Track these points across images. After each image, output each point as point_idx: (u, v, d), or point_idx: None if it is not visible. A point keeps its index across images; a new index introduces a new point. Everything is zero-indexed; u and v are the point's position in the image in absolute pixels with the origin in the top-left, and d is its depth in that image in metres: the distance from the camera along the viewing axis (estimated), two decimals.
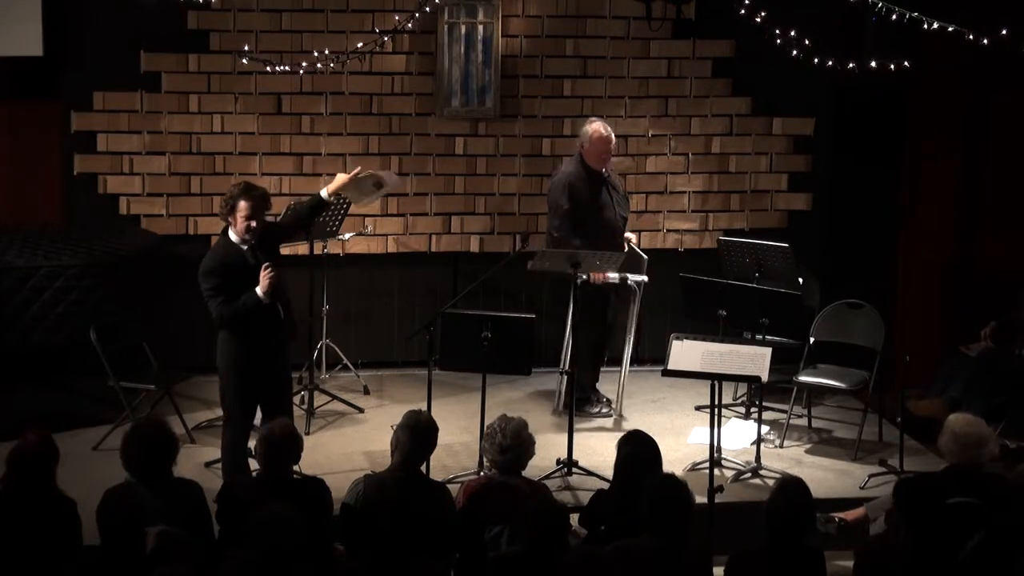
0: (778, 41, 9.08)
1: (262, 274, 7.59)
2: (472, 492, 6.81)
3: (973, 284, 10.58)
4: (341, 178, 8.12)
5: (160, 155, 9.99)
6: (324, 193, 8.04)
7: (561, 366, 9.36)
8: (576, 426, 8.63)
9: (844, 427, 9.47)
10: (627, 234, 9.57)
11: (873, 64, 8.98)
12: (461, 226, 10.41)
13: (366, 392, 9.89)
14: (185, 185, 10.04)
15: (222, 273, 7.64)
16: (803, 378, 9.26)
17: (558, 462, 8.45)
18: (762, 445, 8.80)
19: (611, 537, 6.36)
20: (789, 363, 9.43)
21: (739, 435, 9.13)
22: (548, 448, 8.49)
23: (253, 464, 7.43)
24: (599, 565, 5.96)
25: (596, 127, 9.24)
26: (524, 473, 6.97)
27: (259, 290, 7.60)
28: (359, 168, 8.45)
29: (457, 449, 8.78)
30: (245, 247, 7.70)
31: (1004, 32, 8.40)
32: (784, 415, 9.33)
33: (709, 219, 10.66)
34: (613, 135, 9.31)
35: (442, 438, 7.01)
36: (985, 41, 8.41)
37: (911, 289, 10.67)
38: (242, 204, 7.64)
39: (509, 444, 6.83)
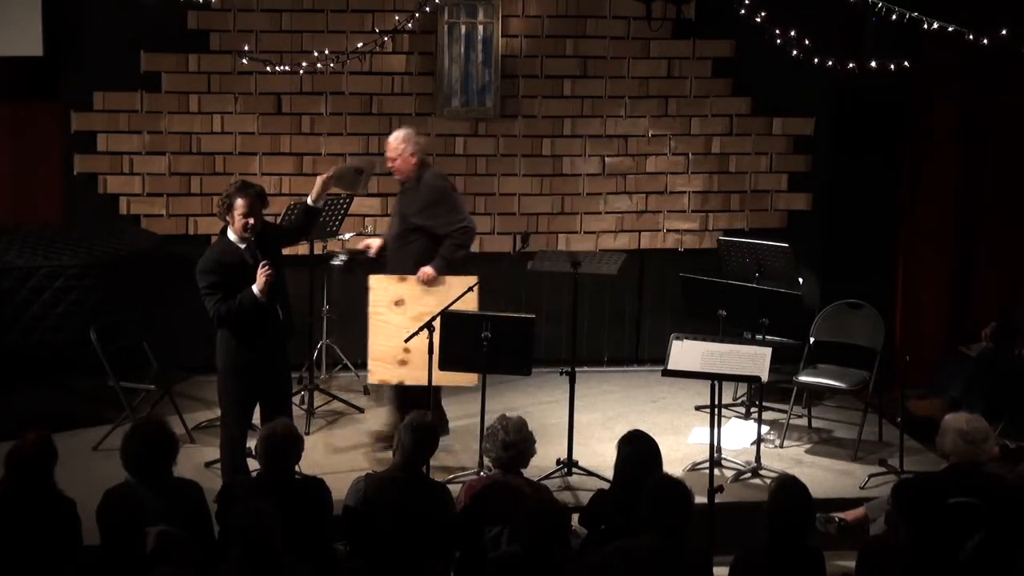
0: (778, 41, 9.08)
1: (259, 272, 7.59)
2: (474, 492, 6.81)
3: (973, 284, 10.58)
4: (319, 181, 8.10)
5: (160, 155, 10.00)
6: (310, 200, 8.05)
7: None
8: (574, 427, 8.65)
9: (844, 427, 9.47)
10: (426, 269, 8.77)
11: (873, 64, 8.98)
12: None
13: (366, 392, 9.89)
14: (185, 185, 10.04)
15: (219, 271, 7.65)
16: (803, 378, 9.27)
17: (558, 462, 8.45)
18: (762, 445, 8.81)
19: (611, 537, 6.36)
20: (789, 363, 9.44)
21: (739, 435, 9.14)
22: (548, 448, 8.49)
23: (253, 464, 7.43)
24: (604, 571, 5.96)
25: None
26: (524, 473, 6.97)
27: (255, 288, 7.60)
28: (332, 168, 8.43)
29: (457, 449, 8.78)
30: (243, 246, 7.70)
31: (1004, 32, 8.40)
32: (784, 415, 9.34)
33: (709, 219, 10.66)
34: (392, 141, 8.84)
35: (442, 438, 7.01)
36: (985, 41, 8.41)
37: (911, 289, 10.67)
38: (239, 202, 7.64)
39: (512, 440, 6.83)
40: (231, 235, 7.72)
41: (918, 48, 9.48)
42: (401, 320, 8.69)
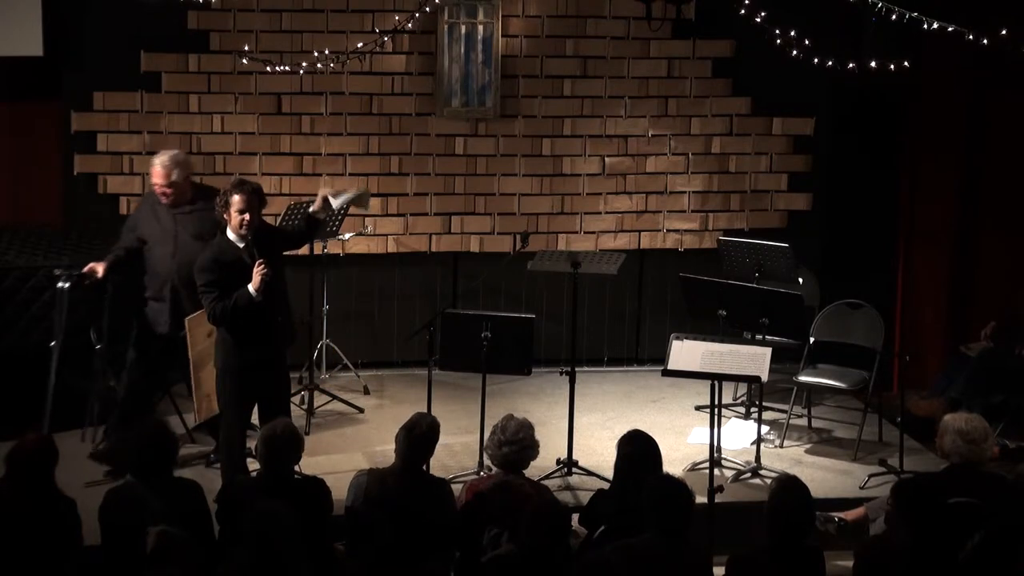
0: (778, 41, 9.08)
1: (255, 271, 7.59)
2: (476, 491, 6.82)
3: (973, 284, 10.58)
4: (320, 197, 8.05)
5: None
6: (311, 209, 8.04)
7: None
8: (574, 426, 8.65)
9: (844, 427, 9.47)
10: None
11: (873, 64, 8.97)
12: (461, 226, 10.42)
13: (366, 392, 9.89)
14: None
15: (216, 269, 7.65)
16: (803, 378, 9.27)
17: (558, 462, 8.46)
18: (762, 445, 8.81)
19: (611, 537, 6.36)
20: (789, 363, 9.45)
21: (739, 435, 9.14)
22: (548, 448, 8.47)
23: (253, 464, 7.43)
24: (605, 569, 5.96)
25: None
26: (524, 474, 6.98)
27: (251, 287, 7.59)
28: (333, 190, 8.37)
29: (457, 449, 8.78)
30: (242, 244, 7.70)
31: (1004, 32, 8.40)
32: (784, 415, 9.34)
33: (709, 219, 10.66)
34: (160, 168, 8.39)
35: (442, 438, 7.02)
36: (985, 41, 8.40)
37: (911, 289, 10.67)
38: (235, 198, 7.64)
39: (507, 439, 6.88)
40: (230, 234, 7.73)
41: (918, 48, 9.47)
42: (211, 349, 8.16)
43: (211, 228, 8.18)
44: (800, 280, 9.46)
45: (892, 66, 8.93)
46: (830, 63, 9.12)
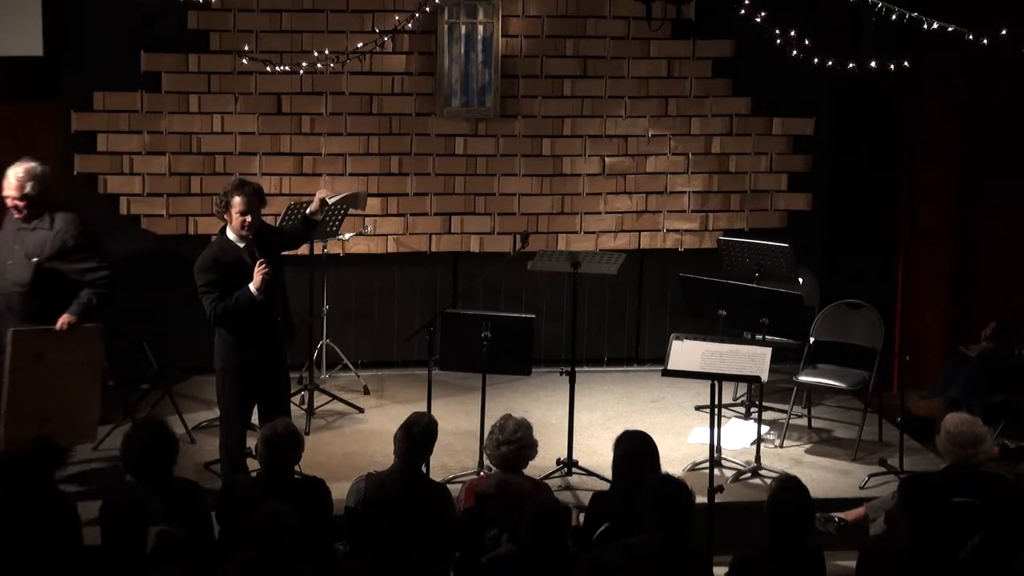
0: (778, 41, 9.07)
1: (256, 270, 7.59)
2: (476, 491, 6.82)
3: (973, 284, 10.58)
4: (317, 198, 8.08)
5: (160, 155, 9.99)
6: (309, 211, 8.06)
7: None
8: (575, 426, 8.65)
9: (844, 427, 9.47)
10: (67, 317, 7.99)
11: (873, 64, 8.97)
12: (461, 226, 10.42)
13: (366, 392, 9.90)
14: (185, 185, 10.04)
15: (216, 269, 7.65)
16: (803, 378, 9.27)
17: (558, 462, 8.46)
18: (762, 445, 8.81)
19: (611, 537, 6.36)
20: (789, 363, 9.45)
21: (739, 435, 9.14)
22: (548, 448, 8.48)
23: (253, 464, 7.43)
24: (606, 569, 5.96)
25: None
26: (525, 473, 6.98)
27: (252, 287, 7.59)
28: (328, 192, 8.42)
29: (457, 449, 8.78)
30: (242, 244, 7.70)
31: (1004, 32, 8.40)
32: (784, 415, 9.34)
33: (709, 219, 10.66)
34: (14, 180, 8.07)
35: (442, 438, 7.03)
36: (985, 41, 8.40)
37: (911, 289, 10.67)
38: (236, 199, 7.65)
39: (506, 439, 6.88)
40: (230, 234, 7.73)
41: (918, 48, 9.47)
42: (38, 375, 7.93)
43: (50, 250, 7.98)
44: (800, 280, 9.46)
45: (892, 66, 8.92)
46: (830, 63, 9.12)
